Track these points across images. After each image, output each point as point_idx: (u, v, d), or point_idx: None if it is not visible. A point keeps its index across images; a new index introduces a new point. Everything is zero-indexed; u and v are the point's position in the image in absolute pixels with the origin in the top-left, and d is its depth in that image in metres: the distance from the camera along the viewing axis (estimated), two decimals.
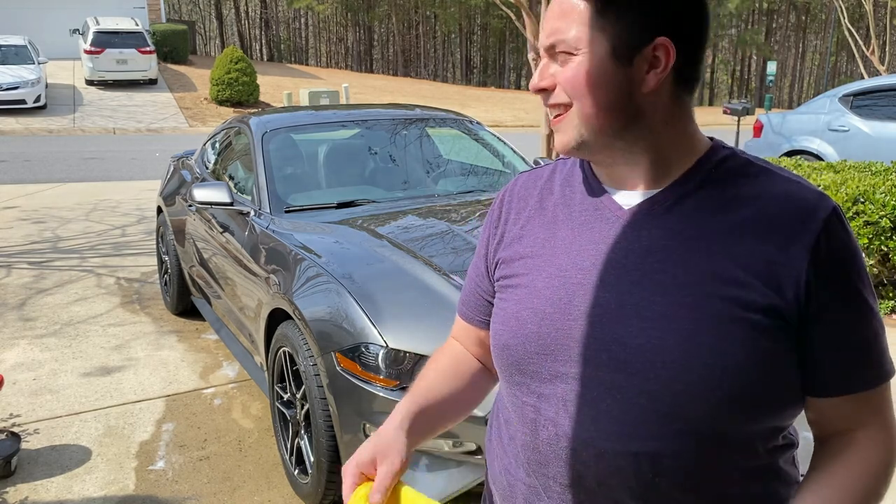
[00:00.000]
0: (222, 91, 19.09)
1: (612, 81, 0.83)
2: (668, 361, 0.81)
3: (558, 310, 0.89)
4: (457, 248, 2.77)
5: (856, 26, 25.37)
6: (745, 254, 0.82)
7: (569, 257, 0.91)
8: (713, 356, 0.80)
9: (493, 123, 19.81)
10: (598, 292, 0.87)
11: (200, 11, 51.29)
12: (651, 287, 0.84)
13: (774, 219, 0.83)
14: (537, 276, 0.93)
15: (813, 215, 0.83)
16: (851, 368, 0.84)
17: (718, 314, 0.81)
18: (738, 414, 0.82)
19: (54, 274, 5.54)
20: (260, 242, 3.09)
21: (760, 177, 0.87)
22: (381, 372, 2.23)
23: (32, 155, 12.56)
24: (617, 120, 0.85)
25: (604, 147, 0.87)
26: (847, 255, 0.83)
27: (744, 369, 0.80)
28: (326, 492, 2.46)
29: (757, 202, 0.85)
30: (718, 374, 0.80)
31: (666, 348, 0.82)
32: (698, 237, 0.84)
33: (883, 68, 16.45)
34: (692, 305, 0.82)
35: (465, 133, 4.21)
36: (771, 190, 0.86)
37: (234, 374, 3.76)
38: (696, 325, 0.81)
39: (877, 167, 5.23)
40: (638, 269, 0.85)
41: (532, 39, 7.29)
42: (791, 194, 0.85)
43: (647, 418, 0.83)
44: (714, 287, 0.82)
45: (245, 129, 3.86)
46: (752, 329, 0.80)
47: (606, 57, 0.83)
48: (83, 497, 2.69)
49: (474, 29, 51.36)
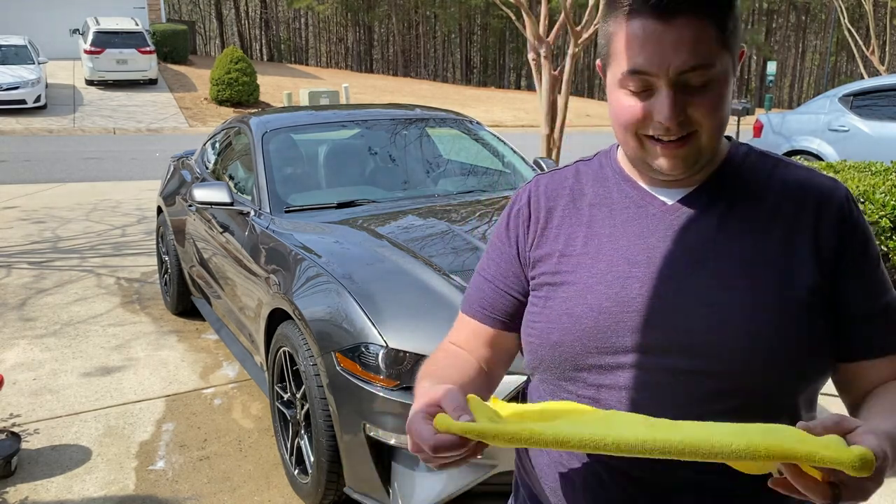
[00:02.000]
0: (222, 91, 19.09)
1: (729, 95, 0.91)
2: (732, 344, 0.87)
3: (616, 303, 0.92)
4: (457, 248, 2.77)
5: (856, 26, 25.36)
6: (782, 237, 0.90)
7: (617, 253, 0.94)
8: (773, 335, 0.86)
9: (493, 123, 19.81)
10: (654, 283, 0.91)
11: (200, 11, 51.28)
12: (706, 276, 0.89)
13: (800, 203, 0.92)
14: (585, 274, 0.95)
15: (833, 197, 0.92)
16: (887, 331, 0.92)
17: (772, 295, 0.87)
18: (791, 383, 0.89)
19: (54, 274, 5.54)
20: (260, 242, 3.09)
21: (779, 167, 0.96)
22: (382, 372, 2.23)
23: (32, 155, 12.57)
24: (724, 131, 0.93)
25: (709, 160, 0.93)
26: (865, 229, 0.93)
27: (800, 345, 0.87)
28: (326, 491, 2.46)
29: (783, 189, 0.93)
30: (777, 351, 0.86)
31: (729, 332, 0.87)
32: (740, 226, 0.91)
33: (883, 68, 16.45)
34: (747, 289, 0.88)
35: (465, 133, 4.21)
36: (791, 178, 0.95)
37: (234, 374, 3.76)
38: (754, 307, 0.87)
39: (877, 167, 5.23)
40: (689, 260, 0.91)
41: (532, 40, 7.28)
42: (810, 181, 0.94)
43: (710, 398, 0.88)
44: (763, 271, 0.88)
45: (245, 129, 3.86)
46: (802, 306, 0.88)
47: (732, 75, 0.90)
48: (83, 497, 2.69)
49: (474, 29, 51.36)
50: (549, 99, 7.43)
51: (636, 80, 0.86)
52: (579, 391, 0.95)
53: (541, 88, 7.49)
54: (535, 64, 7.40)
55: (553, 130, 7.59)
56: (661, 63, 0.84)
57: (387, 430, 2.21)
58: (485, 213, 3.23)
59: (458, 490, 2.19)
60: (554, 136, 7.61)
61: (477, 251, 2.72)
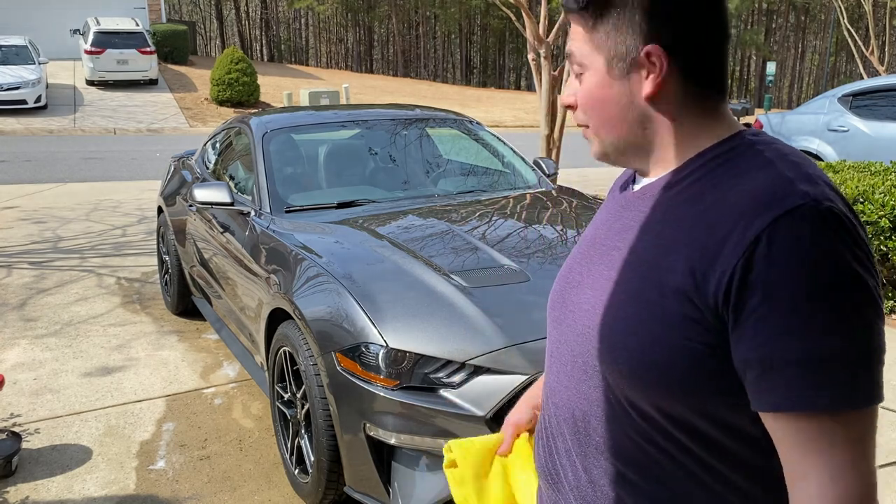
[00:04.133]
0: (223, 91, 19.09)
1: (612, 96, 0.88)
2: (592, 325, 0.89)
3: (561, 276, 1.03)
4: (457, 248, 2.77)
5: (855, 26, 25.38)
6: (686, 241, 0.81)
7: (588, 235, 1.01)
8: (625, 330, 0.84)
9: (493, 123, 19.81)
10: (577, 263, 0.99)
11: (201, 12, 51.29)
12: (607, 262, 0.91)
13: (730, 209, 0.78)
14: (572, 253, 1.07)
15: (766, 209, 0.75)
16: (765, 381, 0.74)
17: (638, 292, 0.84)
18: (644, 390, 0.83)
19: (55, 274, 5.54)
20: (260, 242, 3.10)
21: (755, 167, 0.81)
22: (382, 372, 2.23)
23: (33, 155, 12.57)
24: (626, 130, 0.90)
25: (626, 155, 0.93)
26: (794, 263, 0.72)
27: (648, 348, 0.82)
28: (327, 491, 2.47)
29: (728, 192, 0.80)
30: (623, 347, 0.84)
31: (594, 314, 0.89)
32: (658, 222, 0.87)
33: (882, 68, 16.46)
34: (623, 281, 0.87)
35: (464, 133, 4.22)
36: (750, 181, 0.80)
37: (234, 374, 3.77)
38: (621, 298, 0.86)
39: (876, 167, 5.23)
40: (605, 246, 0.94)
41: (532, 40, 7.29)
42: (763, 186, 0.78)
43: (581, 378, 0.92)
44: (645, 268, 0.85)
45: (245, 130, 3.87)
46: (664, 312, 0.81)
47: (604, 73, 0.88)
48: (84, 497, 2.70)
49: (474, 29, 51.36)
50: (549, 99, 7.43)
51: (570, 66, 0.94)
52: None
53: (541, 88, 7.49)
54: (535, 64, 7.41)
55: (553, 130, 7.60)
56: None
57: (387, 429, 2.22)
58: (485, 213, 3.24)
59: None
60: (554, 136, 7.62)
61: (477, 251, 2.73)
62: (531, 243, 2.85)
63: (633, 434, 0.87)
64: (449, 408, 2.15)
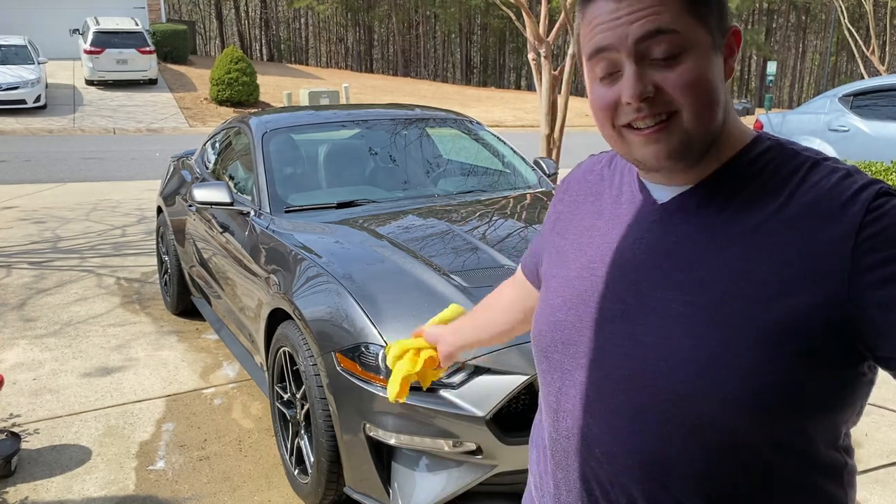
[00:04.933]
0: (222, 91, 19.09)
1: (718, 75, 0.80)
2: (676, 362, 0.79)
3: (582, 301, 0.89)
4: (457, 248, 2.77)
5: (856, 26, 25.37)
6: (770, 249, 0.76)
7: (600, 250, 0.90)
8: (723, 359, 0.76)
9: (493, 123, 19.82)
10: (619, 287, 0.86)
11: (200, 11, 51.29)
12: (670, 286, 0.81)
13: (809, 208, 0.76)
14: (571, 266, 0.93)
15: (854, 199, 0.75)
16: None
17: (731, 314, 0.76)
18: (750, 420, 0.76)
19: (54, 274, 5.54)
20: (260, 242, 3.09)
21: (802, 169, 0.80)
22: (382, 372, 2.23)
23: (32, 155, 12.56)
24: (720, 116, 0.81)
25: (704, 149, 0.82)
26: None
27: (757, 373, 0.75)
28: (326, 491, 2.46)
29: (796, 191, 0.78)
30: (726, 378, 0.76)
31: (675, 348, 0.79)
32: (723, 235, 0.80)
33: (883, 68, 16.46)
34: (705, 305, 0.78)
35: (465, 133, 4.21)
36: (810, 181, 0.79)
37: (234, 374, 3.76)
38: (708, 325, 0.77)
39: (877, 167, 5.23)
40: (659, 267, 0.83)
41: (532, 39, 7.29)
42: (831, 182, 0.77)
43: (656, 419, 0.81)
44: (731, 286, 0.77)
45: (245, 129, 3.86)
46: (770, 329, 0.74)
47: (709, 48, 0.79)
48: (83, 497, 2.69)
49: (474, 29, 51.37)
50: (549, 99, 7.43)
51: (601, 63, 0.81)
52: (548, 386, 0.94)
53: (541, 88, 7.49)
54: (535, 64, 7.40)
55: (553, 130, 7.60)
56: (620, 35, 0.77)
57: (387, 430, 2.21)
58: (485, 213, 3.23)
59: (458, 490, 2.19)
60: (554, 136, 7.61)
61: (477, 251, 2.72)
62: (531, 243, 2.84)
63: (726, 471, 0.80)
64: (449, 408, 2.15)
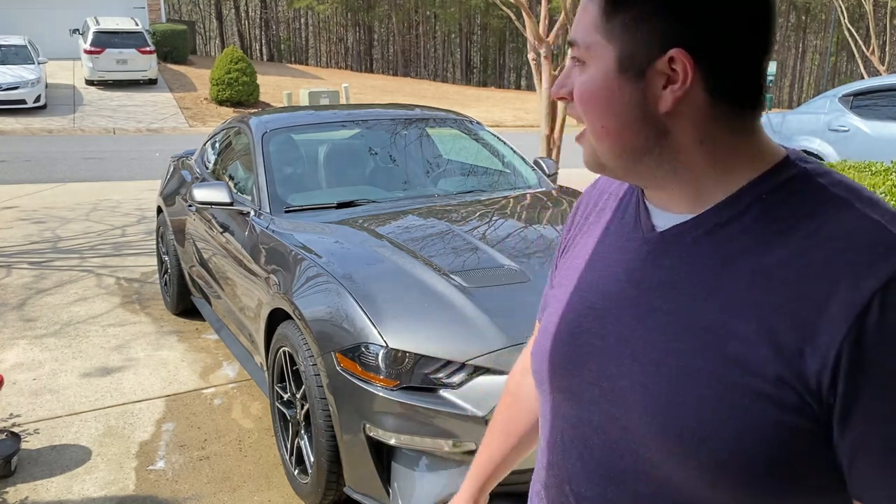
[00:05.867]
0: (222, 91, 19.08)
1: (620, 98, 0.71)
2: (647, 414, 0.72)
3: (569, 332, 0.82)
4: (457, 248, 2.77)
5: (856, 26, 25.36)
6: (766, 304, 0.66)
7: (593, 276, 0.83)
8: (693, 419, 0.68)
9: (493, 123, 19.81)
10: (603, 321, 0.79)
11: (200, 11, 51.28)
12: (653, 326, 0.74)
13: (820, 266, 0.64)
14: (567, 291, 0.86)
15: (873, 269, 0.61)
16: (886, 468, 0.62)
17: (709, 371, 0.68)
18: (723, 488, 0.68)
19: (54, 274, 5.54)
20: (260, 242, 3.09)
21: (829, 207, 0.67)
22: (382, 372, 2.23)
23: (32, 155, 12.56)
24: (632, 142, 0.73)
25: (624, 170, 0.76)
26: None
27: (728, 438, 0.66)
28: (326, 491, 2.46)
29: (807, 241, 0.66)
30: (696, 441, 0.68)
31: (647, 398, 0.72)
32: (718, 276, 0.70)
33: (883, 68, 16.46)
34: (683, 355, 0.70)
35: (465, 133, 4.21)
36: (833, 226, 0.66)
37: (234, 374, 3.76)
38: (683, 378, 0.70)
39: (877, 167, 5.23)
40: (647, 303, 0.75)
41: (532, 39, 7.28)
42: (856, 235, 0.64)
43: (626, 469, 0.75)
44: (712, 339, 0.68)
45: (245, 129, 3.86)
46: (747, 395, 0.66)
47: (613, 69, 0.71)
48: (83, 497, 2.69)
49: (474, 29, 51.36)
50: (549, 99, 7.43)
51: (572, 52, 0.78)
52: (540, 413, 0.91)
53: (541, 88, 7.49)
54: (535, 64, 7.40)
55: (553, 130, 7.60)
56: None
57: (387, 430, 2.21)
58: (485, 213, 3.23)
59: (458, 490, 2.19)
60: (554, 136, 7.61)
61: (477, 251, 2.72)
62: (531, 243, 2.84)
63: None
64: (449, 408, 2.15)
